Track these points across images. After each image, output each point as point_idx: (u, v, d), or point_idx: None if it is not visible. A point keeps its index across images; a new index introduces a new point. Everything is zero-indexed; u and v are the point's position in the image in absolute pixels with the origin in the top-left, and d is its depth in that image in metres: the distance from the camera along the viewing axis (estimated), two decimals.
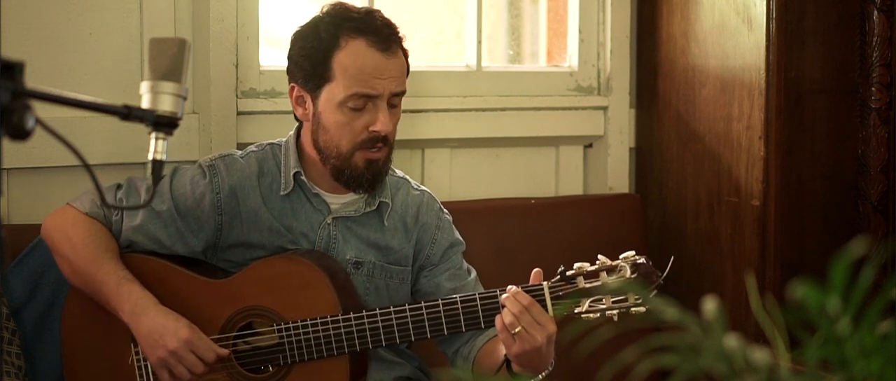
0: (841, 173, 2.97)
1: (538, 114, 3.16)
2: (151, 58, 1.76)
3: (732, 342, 1.01)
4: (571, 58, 3.24)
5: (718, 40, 3.00)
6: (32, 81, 1.41)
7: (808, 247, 2.95)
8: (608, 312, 2.17)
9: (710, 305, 1.03)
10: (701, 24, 3.05)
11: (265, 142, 2.46)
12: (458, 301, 2.25)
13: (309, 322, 2.27)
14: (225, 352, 2.27)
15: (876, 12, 2.91)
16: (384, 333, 2.26)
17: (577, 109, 3.21)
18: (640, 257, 2.21)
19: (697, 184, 3.09)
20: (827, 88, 2.93)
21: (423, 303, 2.27)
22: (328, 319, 2.26)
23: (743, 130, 2.94)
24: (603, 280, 2.18)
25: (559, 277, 2.21)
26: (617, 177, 3.26)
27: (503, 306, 2.16)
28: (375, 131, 2.31)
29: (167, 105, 1.72)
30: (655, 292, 2.16)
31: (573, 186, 3.26)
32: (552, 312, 2.18)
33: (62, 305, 2.38)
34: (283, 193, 2.39)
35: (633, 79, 3.26)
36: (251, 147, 2.47)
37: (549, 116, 3.18)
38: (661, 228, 3.20)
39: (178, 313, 2.25)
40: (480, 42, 3.10)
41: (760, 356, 1.00)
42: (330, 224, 2.39)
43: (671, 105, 3.15)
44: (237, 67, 2.80)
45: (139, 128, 1.73)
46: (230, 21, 2.77)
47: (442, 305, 2.25)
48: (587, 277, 2.20)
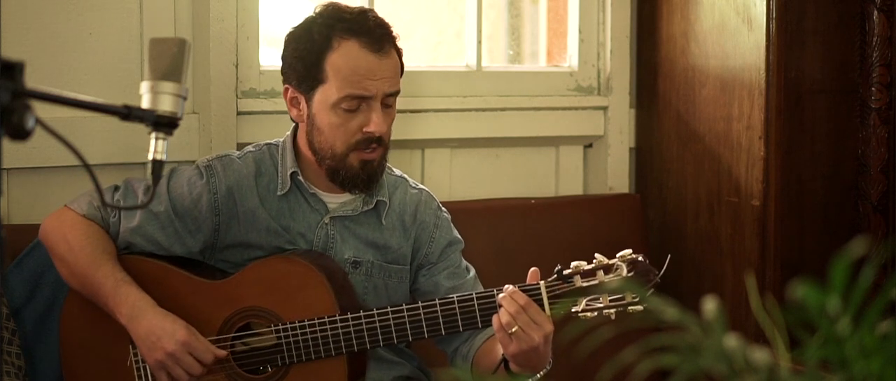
0: (841, 173, 2.97)
1: (538, 114, 3.16)
2: (151, 58, 1.76)
3: (732, 342, 1.01)
4: (571, 58, 3.24)
5: (718, 40, 3.00)
6: (32, 81, 1.41)
7: (808, 247, 2.94)
8: (606, 311, 2.17)
9: (710, 305, 1.03)
10: (701, 24, 3.05)
11: (262, 142, 2.46)
12: (455, 301, 2.25)
13: (307, 323, 2.27)
14: (223, 353, 2.27)
15: (876, 12, 2.91)
16: (382, 333, 2.26)
17: (577, 109, 3.21)
18: (637, 256, 2.20)
19: (697, 184, 3.09)
20: (827, 88, 2.93)
21: (420, 303, 2.26)
22: (326, 319, 2.26)
23: (743, 130, 2.94)
24: (600, 279, 2.18)
25: (556, 276, 2.20)
26: (617, 177, 3.25)
27: (500, 306, 2.16)
28: (369, 132, 2.30)
29: (167, 105, 1.72)
30: (652, 291, 2.16)
31: (573, 186, 3.26)
32: (549, 311, 2.17)
33: (62, 305, 2.37)
34: (280, 193, 2.39)
35: (633, 79, 3.26)
36: (248, 147, 2.46)
37: (549, 116, 3.17)
38: (661, 228, 3.20)
39: (175, 315, 2.25)
40: (480, 42, 3.10)
41: (760, 356, 1.00)
42: (328, 224, 2.39)
43: (671, 105, 3.15)
44: (237, 66, 2.80)
45: (139, 128, 1.73)
46: (230, 21, 2.77)
47: (439, 305, 2.25)
48: (584, 275, 2.19)
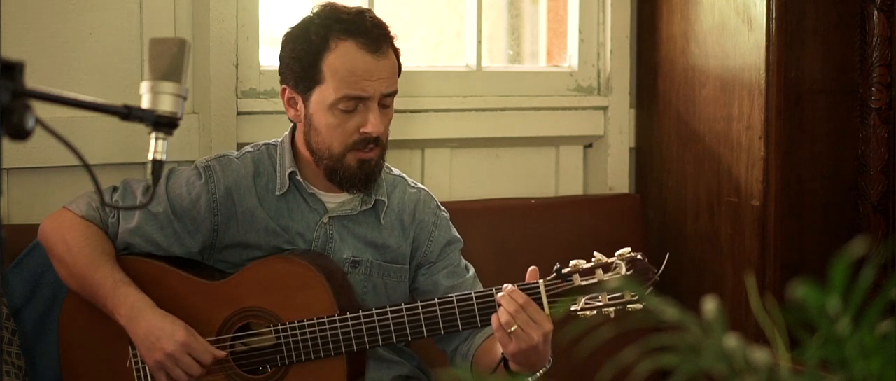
0: (841, 173, 2.97)
1: (538, 114, 3.16)
2: (151, 58, 1.76)
3: (732, 342, 1.01)
4: (571, 58, 3.24)
5: (718, 40, 3.00)
6: (32, 81, 1.41)
7: (808, 247, 2.94)
8: (605, 309, 2.17)
9: (710, 305, 1.03)
10: (701, 24, 3.05)
11: (261, 142, 2.46)
12: (454, 301, 2.25)
13: (306, 323, 2.27)
14: (222, 354, 2.27)
15: (876, 12, 2.91)
16: (381, 333, 2.26)
17: (576, 109, 3.21)
18: (635, 254, 2.20)
19: (697, 184, 3.09)
20: (827, 88, 2.93)
21: (419, 303, 2.26)
22: (325, 319, 2.26)
23: (743, 130, 2.94)
24: (599, 277, 2.17)
25: (555, 274, 2.20)
26: (617, 177, 3.25)
27: (499, 305, 2.16)
28: (366, 133, 2.30)
29: (167, 105, 1.72)
30: (651, 289, 2.16)
31: (573, 186, 3.26)
32: (548, 310, 2.17)
33: (61, 305, 2.37)
34: (278, 193, 2.38)
35: (633, 79, 3.26)
36: (247, 147, 2.46)
37: (548, 116, 3.17)
38: (661, 228, 3.20)
39: (174, 316, 2.24)
40: (480, 42, 3.10)
41: (760, 356, 1.00)
42: (326, 224, 2.39)
43: (671, 105, 3.15)
44: (237, 66, 2.80)
45: (139, 128, 1.73)
46: (230, 21, 2.77)
47: (439, 304, 2.25)
48: (583, 274, 2.19)
